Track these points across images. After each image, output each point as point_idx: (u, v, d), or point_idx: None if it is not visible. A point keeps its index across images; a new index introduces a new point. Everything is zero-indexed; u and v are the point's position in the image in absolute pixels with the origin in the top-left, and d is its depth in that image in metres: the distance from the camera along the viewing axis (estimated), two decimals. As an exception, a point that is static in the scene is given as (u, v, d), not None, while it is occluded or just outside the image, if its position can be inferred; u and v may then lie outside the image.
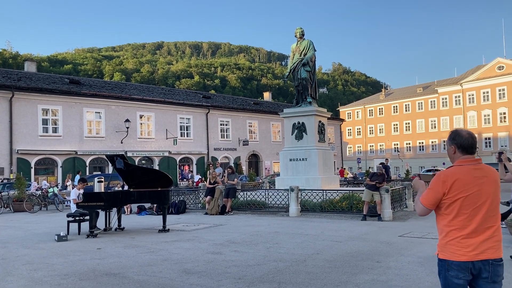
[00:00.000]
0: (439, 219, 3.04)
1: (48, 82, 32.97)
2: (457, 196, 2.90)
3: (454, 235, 2.93)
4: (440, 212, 3.01)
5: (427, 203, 3.00)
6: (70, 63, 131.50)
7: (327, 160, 19.02)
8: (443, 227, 3.00)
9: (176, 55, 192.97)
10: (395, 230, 10.90)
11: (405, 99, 76.60)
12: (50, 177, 31.26)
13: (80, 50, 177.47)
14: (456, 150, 3.04)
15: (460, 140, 3.03)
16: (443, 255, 2.98)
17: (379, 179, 13.32)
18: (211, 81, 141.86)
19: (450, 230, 2.94)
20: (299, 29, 19.32)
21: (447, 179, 2.94)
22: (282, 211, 15.54)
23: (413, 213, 14.82)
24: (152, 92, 40.36)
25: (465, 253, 2.88)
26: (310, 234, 10.30)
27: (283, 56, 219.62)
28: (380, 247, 8.52)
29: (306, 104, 18.82)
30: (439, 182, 2.96)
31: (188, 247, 9.03)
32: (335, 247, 8.55)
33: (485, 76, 65.14)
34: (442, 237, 3.02)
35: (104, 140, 33.78)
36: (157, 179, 11.56)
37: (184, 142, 38.80)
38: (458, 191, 2.90)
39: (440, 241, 3.05)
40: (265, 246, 8.90)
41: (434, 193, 2.97)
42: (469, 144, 3.01)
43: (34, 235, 11.53)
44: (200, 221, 13.80)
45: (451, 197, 2.91)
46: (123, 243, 9.68)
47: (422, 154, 73.92)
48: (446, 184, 2.92)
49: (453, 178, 2.92)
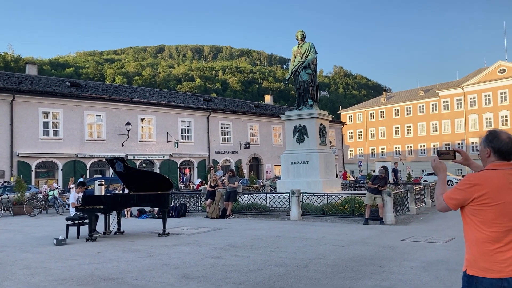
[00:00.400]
0: (467, 229, 2.70)
1: (49, 85, 32.93)
2: (489, 203, 2.56)
3: (486, 248, 2.57)
4: (468, 221, 2.68)
5: (450, 202, 2.69)
6: (71, 66, 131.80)
7: (329, 163, 18.90)
8: (473, 239, 2.65)
9: (178, 58, 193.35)
10: (398, 234, 10.78)
11: (407, 102, 76.45)
12: (50, 180, 31.18)
13: (82, 53, 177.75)
14: (491, 154, 2.71)
15: (498, 144, 2.69)
16: (472, 271, 2.60)
17: (381, 183, 13.21)
18: (212, 84, 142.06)
19: (481, 242, 2.59)
20: (300, 32, 19.24)
21: (478, 182, 2.59)
22: (283, 215, 15.43)
23: (416, 217, 14.71)
24: (153, 95, 40.32)
25: (500, 269, 2.52)
26: (311, 238, 10.18)
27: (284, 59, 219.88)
28: (383, 251, 8.40)
29: (308, 107, 18.72)
30: (469, 185, 2.61)
31: (188, 251, 8.92)
32: (337, 252, 8.43)
33: (487, 79, 65.01)
34: (471, 250, 2.65)
35: (105, 143, 33.70)
36: (157, 182, 11.46)
37: (185, 145, 38.71)
38: (490, 198, 2.56)
39: (468, 255, 2.68)
40: (266, 250, 8.78)
41: (461, 195, 2.64)
42: (508, 150, 2.67)
43: (33, 239, 11.43)
44: (200, 225, 13.68)
45: (482, 203, 2.58)
46: (122, 247, 9.58)
47: (424, 157, 73.67)
48: (476, 188, 2.59)
49: (486, 182, 2.58)
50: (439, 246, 8.89)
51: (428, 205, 17.96)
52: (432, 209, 17.29)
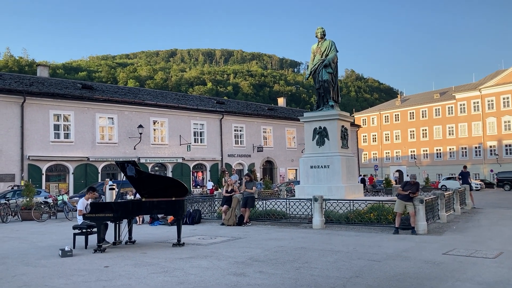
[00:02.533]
0: None
1: (60, 87, 32.34)
2: None
3: None
4: None
5: None
6: (84, 70, 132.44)
7: (351, 167, 17.90)
8: None
9: (189, 62, 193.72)
10: (435, 246, 9.76)
11: (422, 105, 75.01)
12: (61, 184, 30.55)
13: (95, 57, 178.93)
14: None
15: None
16: None
17: (413, 189, 12.18)
18: (224, 88, 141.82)
19: None
20: (320, 29, 18.29)
21: None
22: (304, 223, 14.46)
23: (447, 225, 13.65)
24: (166, 97, 39.59)
25: None
26: (341, 251, 9.21)
27: (295, 63, 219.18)
28: (427, 268, 7.40)
29: (328, 108, 17.75)
30: None
31: (206, 265, 8.00)
32: (374, 268, 7.45)
33: (505, 82, 63.35)
34: None
35: (117, 146, 33.02)
36: (171, 187, 10.56)
37: (198, 148, 37.91)
38: None
39: None
40: (293, 266, 7.83)
41: None
42: None
43: (37, 248, 10.60)
44: (216, 233, 12.77)
45: None
46: (134, 260, 8.69)
47: (440, 161, 72.16)
48: None
49: None
50: (490, 262, 7.86)
51: (457, 212, 16.86)
52: (462, 217, 16.21)
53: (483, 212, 18.24)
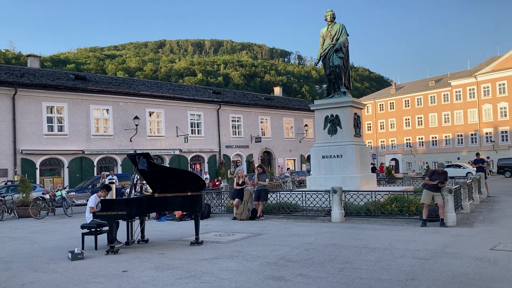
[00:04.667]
0: None
1: (52, 78, 31.17)
2: None
3: None
4: None
5: None
6: (72, 63, 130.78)
7: (364, 156, 17.17)
8: None
9: (179, 53, 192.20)
10: (476, 240, 9.07)
11: (417, 92, 74.49)
12: (56, 178, 29.53)
13: (83, 49, 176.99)
14: None
15: None
16: None
17: (441, 178, 11.46)
18: (214, 78, 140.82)
19: None
20: (329, 12, 17.42)
21: None
22: (320, 216, 13.72)
23: (473, 216, 12.99)
24: (161, 87, 38.52)
25: None
26: (378, 248, 8.46)
27: (285, 52, 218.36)
28: (485, 267, 6.67)
29: (340, 95, 16.95)
30: None
31: (236, 268, 7.20)
32: (427, 268, 6.71)
33: (501, 68, 62.95)
34: None
35: (113, 139, 32.02)
36: (186, 181, 9.72)
37: (195, 140, 37.00)
38: None
39: None
40: (334, 266, 7.06)
41: None
42: None
43: (43, 250, 9.74)
44: (232, 229, 11.97)
45: None
46: (153, 263, 7.86)
47: (436, 149, 71.86)
48: None
49: None
50: (550, 258, 7.16)
51: (476, 201, 16.22)
52: (482, 206, 15.59)
53: (500, 200, 17.64)
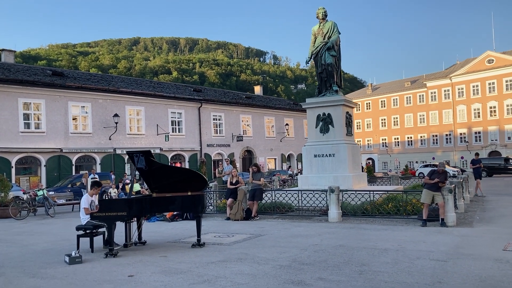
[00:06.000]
0: None
1: (29, 73, 30.11)
2: None
3: None
4: None
5: None
6: (44, 59, 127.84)
7: (356, 156, 17.05)
8: None
9: (153, 51, 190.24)
10: (484, 240, 8.97)
11: (393, 93, 75.46)
12: (32, 177, 28.54)
13: (54, 46, 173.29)
14: None
15: None
16: None
17: (441, 178, 11.36)
18: (190, 77, 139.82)
19: None
20: (321, 9, 17.24)
21: None
22: (316, 216, 13.50)
23: (468, 216, 12.99)
24: (141, 85, 37.75)
25: None
26: (389, 249, 8.24)
27: (261, 52, 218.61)
28: (508, 268, 6.51)
29: (332, 93, 16.79)
30: None
31: (250, 271, 6.86)
32: (449, 271, 6.50)
33: (475, 70, 64.33)
34: None
35: (91, 137, 31.16)
36: (187, 180, 9.32)
37: (176, 138, 36.40)
38: None
39: None
40: (352, 269, 6.79)
41: None
42: None
43: (34, 253, 9.18)
44: (229, 230, 11.60)
45: None
46: (158, 266, 7.44)
47: (411, 149, 72.94)
48: None
49: None
50: None
51: (466, 200, 16.28)
52: (473, 206, 15.67)
53: (488, 200, 17.77)
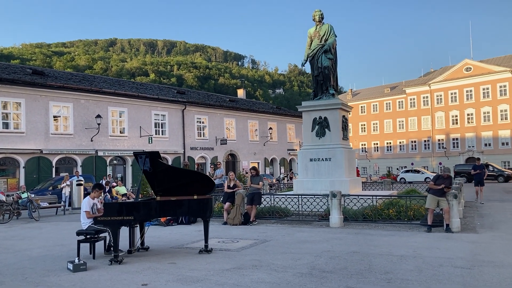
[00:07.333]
0: None
1: (7, 72, 29.11)
2: None
3: None
4: None
5: None
6: (17, 58, 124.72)
7: (351, 160, 16.89)
8: None
9: (130, 52, 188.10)
10: (497, 246, 8.84)
11: (373, 99, 76.17)
12: (10, 179, 27.52)
13: (28, 45, 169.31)
14: None
15: None
16: None
17: (446, 183, 11.24)
18: (168, 79, 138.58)
19: None
20: (318, 12, 17.06)
21: None
22: (315, 220, 13.25)
23: (469, 221, 12.91)
24: (124, 86, 36.98)
25: None
26: (406, 256, 8.01)
27: (239, 56, 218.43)
28: (538, 276, 6.35)
29: (329, 96, 16.60)
30: None
31: (270, 280, 6.51)
32: (479, 278, 6.29)
33: (453, 77, 65.42)
34: None
35: (73, 138, 30.28)
36: (193, 183, 8.94)
37: (159, 141, 35.72)
38: None
39: None
40: (377, 277, 6.51)
41: None
42: None
43: (30, 259, 8.62)
44: (231, 235, 11.21)
45: None
46: (171, 274, 7.02)
47: (390, 154, 73.67)
48: None
49: None
50: None
51: (461, 206, 16.24)
52: (468, 211, 15.65)
53: (481, 206, 17.80)
